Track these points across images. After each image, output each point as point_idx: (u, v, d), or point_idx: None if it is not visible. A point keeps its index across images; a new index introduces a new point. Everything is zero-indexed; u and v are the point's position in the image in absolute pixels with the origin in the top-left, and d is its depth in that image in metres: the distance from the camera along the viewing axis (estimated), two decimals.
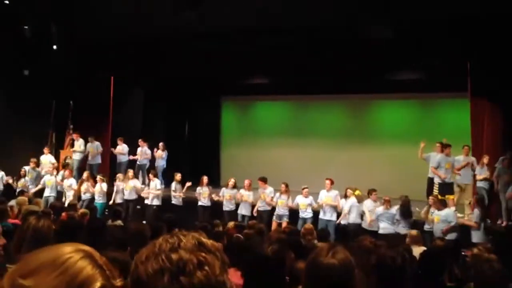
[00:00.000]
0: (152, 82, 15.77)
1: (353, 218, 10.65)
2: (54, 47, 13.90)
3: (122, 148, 14.57)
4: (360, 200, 10.73)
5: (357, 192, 10.90)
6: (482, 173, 11.02)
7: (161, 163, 14.62)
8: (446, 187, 10.98)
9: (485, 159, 10.95)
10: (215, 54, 13.58)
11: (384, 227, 10.09)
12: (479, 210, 9.54)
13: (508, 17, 10.42)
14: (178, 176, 12.58)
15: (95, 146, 14.33)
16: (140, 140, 14.73)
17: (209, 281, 1.11)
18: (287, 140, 16.30)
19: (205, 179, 12.38)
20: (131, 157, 14.59)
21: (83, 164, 14.29)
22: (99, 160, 14.44)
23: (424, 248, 5.86)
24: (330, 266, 2.04)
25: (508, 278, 3.28)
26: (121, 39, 13.54)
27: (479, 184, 11.04)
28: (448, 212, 9.79)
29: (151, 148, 14.75)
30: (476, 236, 9.50)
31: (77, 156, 14.34)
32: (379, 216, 10.23)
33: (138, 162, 14.64)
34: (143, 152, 14.60)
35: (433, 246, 5.36)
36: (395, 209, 10.15)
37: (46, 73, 14.18)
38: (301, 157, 15.71)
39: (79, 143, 14.33)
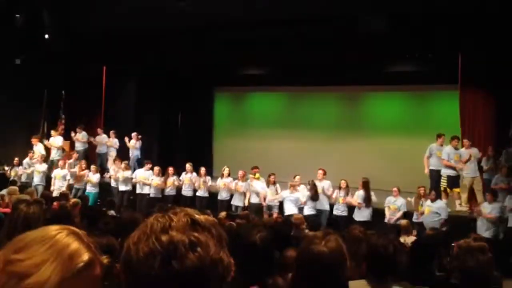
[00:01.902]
0: (145, 73, 15.68)
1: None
2: (46, 36, 13.79)
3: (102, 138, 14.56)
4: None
5: (257, 176, 11.53)
6: (488, 164, 11.11)
7: (134, 153, 14.44)
8: (455, 180, 10.90)
9: (490, 151, 10.97)
10: (209, 45, 13.54)
11: (289, 208, 10.60)
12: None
13: (498, 11, 10.43)
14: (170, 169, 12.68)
15: (82, 136, 14.42)
16: (98, 129, 14.64)
17: (202, 262, 1.06)
18: (280, 131, 16.30)
19: (188, 166, 12.46)
20: (90, 139, 14.51)
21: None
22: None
23: (414, 237, 5.92)
24: (321, 254, 2.05)
25: (492, 268, 3.30)
26: (114, 29, 13.45)
27: (485, 176, 11.07)
28: (441, 204, 9.85)
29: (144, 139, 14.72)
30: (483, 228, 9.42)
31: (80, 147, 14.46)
32: (284, 199, 10.84)
33: (97, 151, 14.57)
34: (101, 140, 14.49)
35: (424, 236, 5.41)
36: (300, 193, 10.77)
37: (38, 62, 14.09)
38: (294, 148, 15.72)
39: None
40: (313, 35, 12.55)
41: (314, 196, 10.69)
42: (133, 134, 14.51)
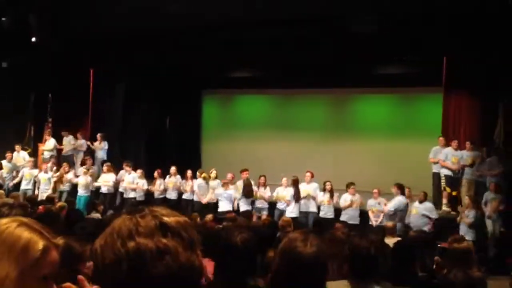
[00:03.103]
0: (132, 75, 15.62)
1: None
2: (33, 39, 13.69)
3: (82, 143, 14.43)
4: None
5: (203, 175, 12.01)
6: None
7: (100, 154, 14.32)
8: (455, 181, 11.02)
9: (484, 153, 11.07)
10: (196, 47, 13.54)
11: (223, 206, 11.08)
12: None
13: (484, 13, 10.54)
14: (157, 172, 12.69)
15: (68, 140, 14.30)
16: (63, 131, 14.44)
17: (170, 270, 1.03)
18: (269, 134, 16.30)
19: (172, 169, 12.54)
20: (58, 146, 14.36)
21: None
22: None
23: (398, 238, 5.96)
24: (309, 255, 2.06)
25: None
26: (101, 33, 13.38)
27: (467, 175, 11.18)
28: (429, 205, 9.92)
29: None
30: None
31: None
32: (218, 196, 11.33)
33: (63, 153, 14.41)
34: (68, 143, 14.33)
35: (407, 237, 5.45)
36: (232, 190, 11.30)
37: (25, 65, 14.00)
38: (283, 151, 15.73)
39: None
40: (302, 37, 12.57)
41: (247, 193, 11.10)
42: (98, 135, 14.32)
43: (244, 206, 11.05)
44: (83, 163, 13.62)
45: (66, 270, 2.04)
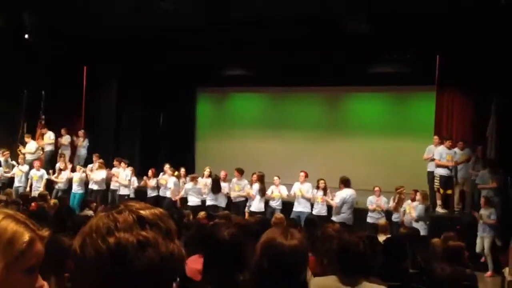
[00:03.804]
0: (126, 73, 15.60)
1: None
2: (26, 36, 13.64)
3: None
4: None
5: (176, 173, 12.34)
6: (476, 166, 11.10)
7: (82, 152, 14.22)
8: (448, 180, 11.03)
9: (479, 152, 11.09)
10: (191, 46, 13.52)
11: (192, 200, 11.52)
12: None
13: (476, 12, 10.58)
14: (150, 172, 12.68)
15: (48, 136, 14.20)
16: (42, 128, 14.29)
17: (152, 261, 1.05)
18: (263, 132, 16.33)
19: (166, 167, 12.57)
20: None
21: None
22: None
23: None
24: (290, 247, 2.07)
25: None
26: (95, 30, 13.36)
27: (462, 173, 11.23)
28: (417, 204, 9.96)
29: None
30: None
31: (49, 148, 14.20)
32: (187, 191, 11.66)
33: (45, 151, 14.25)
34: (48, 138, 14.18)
35: (397, 233, 5.49)
36: (201, 184, 11.72)
37: (18, 63, 13.94)
38: (277, 149, 15.75)
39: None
40: (295, 36, 12.58)
41: (214, 189, 11.49)
42: (80, 132, 14.23)
43: (211, 201, 11.48)
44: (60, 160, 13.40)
45: (51, 262, 2.04)
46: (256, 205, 11.18)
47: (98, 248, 1.05)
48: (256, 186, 11.31)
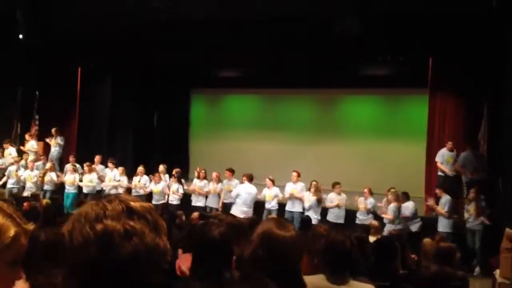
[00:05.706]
0: (120, 73, 15.58)
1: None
2: (20, 36, 13.61)
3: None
4: None
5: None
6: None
7: (56, 151, 14.06)
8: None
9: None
10: (185, 46, 13.51)
11: (158, 199, 11.81)
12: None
13: (469, 14, 10.64)
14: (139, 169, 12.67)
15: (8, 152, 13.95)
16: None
17: (137, 250, 1.07)
18: (257, 134, 16.35)
19: (139, 169, 12.51)
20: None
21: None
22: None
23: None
24: (289, 238, 2.11)
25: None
26: (89, 29, 13.32)
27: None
28: (408, 204, 9.98)
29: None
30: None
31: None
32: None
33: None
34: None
35: (387, 234, 5.52)
36: (163, 183, 12.10)
37: (12, 62, 13.91)
38: (270, 150, 15.77)
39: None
40: (289, 38, 12.60)
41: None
42: (53, 130, 14.04)
43: (175, 201, 11.89)
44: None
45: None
46: (335, 215, 10.95)
47: (86, 234, 1.08)
48: (332, 196, 11.10)
